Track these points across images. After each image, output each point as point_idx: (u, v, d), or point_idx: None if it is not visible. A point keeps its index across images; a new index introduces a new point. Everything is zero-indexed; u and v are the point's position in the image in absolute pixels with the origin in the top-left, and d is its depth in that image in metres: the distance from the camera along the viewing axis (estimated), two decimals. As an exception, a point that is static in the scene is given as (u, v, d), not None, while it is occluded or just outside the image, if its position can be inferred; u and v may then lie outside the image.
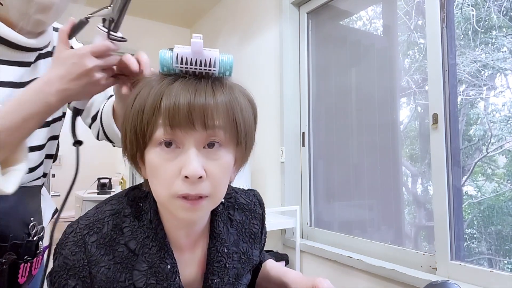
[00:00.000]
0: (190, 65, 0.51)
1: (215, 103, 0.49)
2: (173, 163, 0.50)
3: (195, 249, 0.62)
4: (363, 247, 1.76)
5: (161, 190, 0.51)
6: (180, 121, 0.48)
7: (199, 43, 0.50)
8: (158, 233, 0.56)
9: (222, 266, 0.62)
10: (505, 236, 1.34)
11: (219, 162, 0.51)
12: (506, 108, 1.37)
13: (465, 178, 1.45)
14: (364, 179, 1.88)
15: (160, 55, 0.51)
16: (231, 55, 0.53)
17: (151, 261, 0.55)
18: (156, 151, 0.51)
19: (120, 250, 0.55)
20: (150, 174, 0.53)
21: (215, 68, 0.51)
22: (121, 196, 0.60)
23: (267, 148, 2.35)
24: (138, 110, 0.51)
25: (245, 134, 0.54)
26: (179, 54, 0.50)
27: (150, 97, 0.50)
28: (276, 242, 2.22)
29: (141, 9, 3.26)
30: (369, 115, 1.85)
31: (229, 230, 0.65)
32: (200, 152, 0.50)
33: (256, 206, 0.71)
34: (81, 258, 0.53)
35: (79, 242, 0.53)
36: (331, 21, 2.15)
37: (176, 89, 0.49)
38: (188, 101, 0.48)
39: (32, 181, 0.80)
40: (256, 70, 2.52)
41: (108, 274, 0.53)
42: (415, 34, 1.70)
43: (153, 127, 0.50)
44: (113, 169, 4.72)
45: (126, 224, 0.56)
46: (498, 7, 1.38)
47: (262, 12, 2.52)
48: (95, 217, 0.56)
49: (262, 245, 0.75)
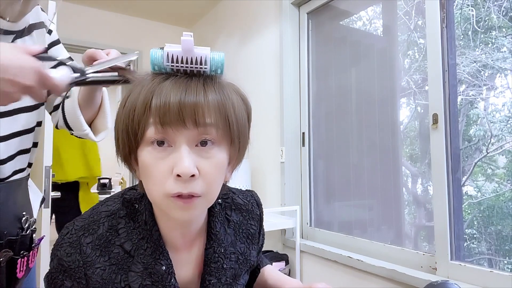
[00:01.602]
0: (181, 64, 0.50)
1: (206, 101, 0.49)
2: (165, 161, 0.49)
3: (192, 250, 0.61)
4: (363, 247, 1.76)
5: (154, 190, 0.51)
6: (171, 119, 0.48)
7: (190, 41, 0.49)
8: (153, 234, 0.56)
9: (219, 267, 0.61)
10: (505, 236, 1.34)
11: (212, 161, 0.51)
12: (506, 108, 1.37)
13: (465, 178, 1.45)
14: (364, 179, 1.88)
15: (151, 54, 0.51)
16: (223, 52, 0.53)
17: (146, 262, 0.55)
18: (148, 150, 0.50)
19: (115, 251, 0.55)
20: (143, 174, 0.52)
21: (206, 66, 0.51)
22: (117, 197, 0.60)
23: (267, 148, 2.35)
24: (130, 109, 0.51)
25: (238, 132, 0.53)
26: (170, 52, 0.50)
27: (141, 96, 0.50)
28: (276, 242, 2.22)
29: (141, 9, 3.26)
30: (369, 115, 1.85)
31: (226, 230, 0.64)
32: (192, 150, 0.50)
33: (253, 206, 0.71)
34: (76, 259, 0.53)
35: (74, 243, 0.53)
36: (331, 21, 2.15)
37: (167, 87, 0.49)
38: (179, 99, 0.48)
39: (18, 173, 0.79)
40: (256, 70, 2.52)
41: (103, 275, 0.53)
42: (415, 34, 1.70)
43: (144, 126, 0.49)
44: (113, 169, 4.71)
45: (122, 226, 0.56)
46: (498, 7, 1.38)
47: (262, 12, 2.52)
48: (90, 219, 0.56)
49: (260, 246, 0.74)
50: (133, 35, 3.38)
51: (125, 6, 3.19)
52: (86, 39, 3.13)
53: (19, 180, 0.79)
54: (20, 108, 0.77)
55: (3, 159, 0.74)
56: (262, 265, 0.79)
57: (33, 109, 0.80)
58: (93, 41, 3.17)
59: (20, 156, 0.79)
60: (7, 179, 0.75)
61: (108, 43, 3.23)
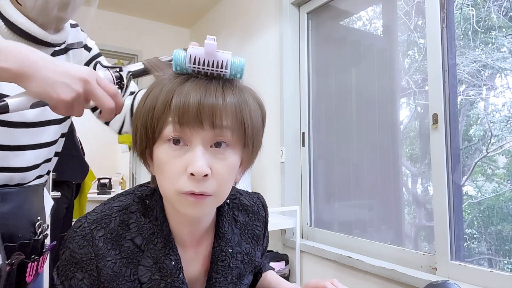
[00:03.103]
0: (203, 66, 0.52)
1: (224, 104, 0.51)
2: (180, 160, 0.51)
3: (199, 247, 0.63)
4: (363, 247, 1.76)
5: (167, 186, 0.52)
6: (189, 119, 0.49)
7: (213, 45, 0.51)
8: (164, 229, 0.58)
9: (226, 265, 0.63)
10: (505, 236, 1.34)
11: (225, 162, 0.53)
12: (506, 108, 1.37)
13: (465, 178, 1.45)
14: (364, 179, 1.88)
15: (174, 54, 0.53)
16: (243, 58, 0.54)
17: (156, 257, 0.56)
18: (164, 147, 0.52)
19: (126, 245, 0.56)
20: (157, 170, 0.54)
21: (226, 70, 0.53)
22: (128, 193, 0.62)
23: (267, 148, 2.35)
24: (150, 107, 0.52)
25: (252, 136, 0.55)
26: (193, 54, 0.52)
27: (162, 94, 0.52)
28: (276, 242, 2.22)
29: (141, 9, 3.26)
30: (369, 115, 1.85)
31: (233, 230, 0.66)
32: (207, 150, 0.51)
33: (259, 208, 0.72)
34: (88, 251, 0.54)
35: (87, 236, 0.55)
36: (331, 21, 2.15)
37: (187, 88, 0.51)
38: (198, 101, 0.50)
39: (36, 179, 0.81)
40: (256, 70, 2.52)
41: (114, 268, 0.54)
42: (415, 34, 1.70)
43: (163, 124, 0.51)
44: (113, 169, 4.72)
45: (133, 220, 0.57)
46: (498, 7, 1.38)
47: (262, 12, 2.52)
48: (102, 213, 0.57)
49: (264, 248, 0.75)
50: (133, 35, 3.38)
51: (125, 6, 3.19)
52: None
53: (36, 185, 0.81)
54: (50, 120, 0.80)
55: (29, 167, 0.77)
56: (264, 270, 0.80)
57: (62, 122, 0.83)
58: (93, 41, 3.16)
59: (44, 165, 0.81)
60: (27, 183, 0.77)
61: (108, 43, 3.23)
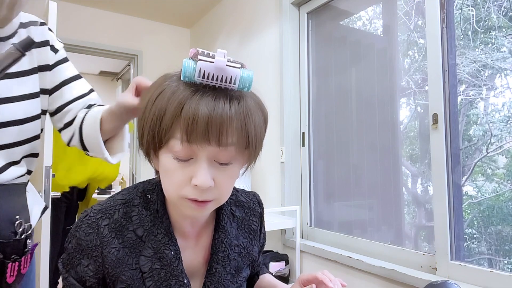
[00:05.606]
0: (211, 80, 0.52)
1: (230, 122, 0.52)
2: (185, 171, 0.53)
3: (200, 239, 0.66)
4: (363, 247, 1.76)
5: (171, 190, 0.55)
6: (197, 137, 0.51)
7: (223, 61, 0.51)
8: (164, 222, 0.61)
9: (226, 257, 0.66)
10: (505, 236, 1.34)
11: (228, 173, 0.56)
12: (506, 108, 1.37)
13: (465, 178, 1.45)
14: (364, 179, 1.88)
15: (183, 64, 0.52)
16: (252, 71, 0.55)
17: (156, 247, 0.60)
18: (169, 157, 0.54)
19: (128, 236, 0.59)
20: (162, 173, 0.57)
21: (235, 84, 0.53)
22: (131, 188, 0.65)
23: (267, 148, 2.35)
24: (157, 116, 0.53)
25: (255, 144, 0.57)
26: (202, 68, 0.51)
27: (170, 106, 0.52)
28: (276, 242, 2.22)
29: (141, 9, 3.26)
30: (369, 115, 1.85)
31: (231, 224, 0.69)
32: (210, 164, 0.54)
33: (255, 205, 0.76)
34: (94, 238, 0.57)
35: (92, 224, 0.58)
36: (331, 21, 2.15)
37: (195, 104, 0.51)
38: (207, 119, 0.50)
39: (16, 178, 0.80)
40: (256, 70, 2.52)
41: (118, 255, 0.58)
42: (415, 34, 1.70)
43: (170, 136, 0.53)
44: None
45: (135, 213, 0.61)
46: (498, 7, 1.38)
47: (262, 12, 2.52)
48: (107, 204, 0.61)
49: (261, 245, 0.78)
50: (133, 35, 3.38)
51: (125, 6, 3.19)
52: (86, 39, 3.13)
53: (17, 184, 0.80)
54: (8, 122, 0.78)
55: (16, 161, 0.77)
56: (262, 272, 0.82)
57: (24, 123, 0.80)
58: (93, 41, 3.17)
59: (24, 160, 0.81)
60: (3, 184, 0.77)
61: (108, 43, 3.23)
